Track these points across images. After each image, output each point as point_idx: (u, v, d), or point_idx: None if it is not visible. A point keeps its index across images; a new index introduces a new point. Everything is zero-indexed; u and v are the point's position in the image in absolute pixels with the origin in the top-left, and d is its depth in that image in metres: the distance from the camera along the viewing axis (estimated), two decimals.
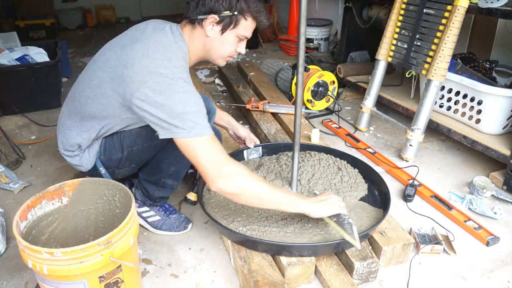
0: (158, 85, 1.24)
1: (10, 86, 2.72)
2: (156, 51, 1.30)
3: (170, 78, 1.26)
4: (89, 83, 1.41)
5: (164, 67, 1.27)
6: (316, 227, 1.50)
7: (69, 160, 1.54)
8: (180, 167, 1.57)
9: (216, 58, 1.46)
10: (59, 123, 1.55)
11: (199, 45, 1.42)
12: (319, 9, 4.53)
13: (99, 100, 1.38)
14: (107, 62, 1.37)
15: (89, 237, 1.37)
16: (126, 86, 1.29)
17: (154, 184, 1.60)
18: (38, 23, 4.93)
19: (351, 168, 1.86)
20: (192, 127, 1.24)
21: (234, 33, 1.40)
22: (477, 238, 1.66)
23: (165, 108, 1.24)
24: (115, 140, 1.50)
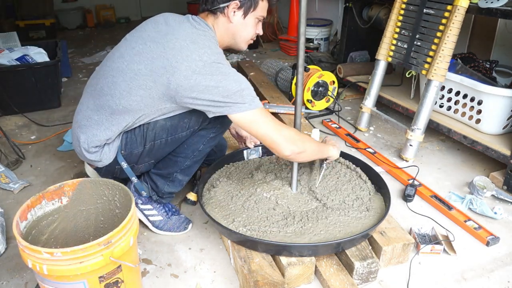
0: (207, 70, 1.30)
1: (10, 86, 2.72)
2: (194, 41, 1.35)
3: (217, 62, 1.33)
4: (122, 77, 1.39)
5: (208, 54, 1.33)
6: (316, 227, 1.50)
7: (87, 156, 1.49)
8: (194, 161, 1.59)
9: (241, 42, 1.53)
10: (82, 119, 1.49)
11: (224, 32, 1.49)
12: (319, 9, 4.53)
13: (136, 92, 1.38)
14: (140, 55, 1.38)
15: (89, 237, 1.37)
16: (170, 76, 1.32)
17: (165, 178, 1.60)
18: (38, 23, 4.93)
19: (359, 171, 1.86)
20: (252, 100, 1.34)
21: (254, 15, 1.48)
22: (477, 238, 1.66)
23: (219, 89, 1.31)
24: (137, 134, 1.49)
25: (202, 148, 1.57)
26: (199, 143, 1.55)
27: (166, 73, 1.32)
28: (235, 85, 1.32)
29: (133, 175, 1.58)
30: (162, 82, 1.34)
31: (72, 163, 2.20)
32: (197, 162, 1.63)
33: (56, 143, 2.42)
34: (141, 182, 1.65)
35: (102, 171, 1.57)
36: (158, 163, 1.62)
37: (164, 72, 1.33)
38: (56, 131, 2.57)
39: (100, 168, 1.55)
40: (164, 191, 1.63)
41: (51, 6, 5.22)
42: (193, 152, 1.57)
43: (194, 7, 5.77)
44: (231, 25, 1.47)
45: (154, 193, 1.64)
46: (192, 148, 1.56)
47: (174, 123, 1.47)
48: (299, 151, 1.42)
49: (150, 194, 1.64)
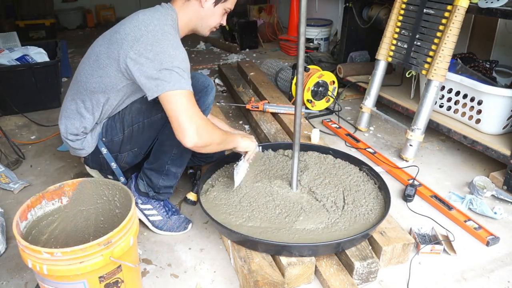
0: (149, 40, 1.35)
1: (10, 86, 2.72)
2: (145, 14, 1.43)
3: (160, 33, 1.37)
4: (88, 60, 1.50)
5: (154, 25, 1.38)
6: (316, 226, 1.50)
7: (71, 144, 1.58)
8: (182, 149, 1.58)
9: (205, 27, 1.58)
10: (62, 110, 1.60)
11: (191, 15, 1.53)
12: (319, 9, 4.53)
13: (97, 72, 1.46)
14: (103, 38, 1.49)
15: (89, 237, 1.37)
16: (119, 48, 1.39)
17: (158, 172, 1.60)
18: (38, 23, 4.93)
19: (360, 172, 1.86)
20: (177, 80, 1.33)
21: (223, 6, 1.55)
22: (477, 238, 1.66)
23: (155, 62, 1.33)
24: (116, 120, 1.56)
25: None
26: None
27: (117, 46, 1.40)
28: (168, 60, 1.33)
29: (112, 161, 1.62)
30: (114, 56, 1.41)
31: (72, 163, 2.20)
32: (186, 151, 1.59)
33: (56, 143, 2.42)
34: (138, 179, 1.66)
35: (89, 162, 1.65)
36: (148, 157, 1.63)
37: (116, 46, 1.40)
38: (56, 131, 2.56)
39: (87, 160, 1.63)
40: (160, 186, 1.63)
41: (51, 6, 5.22)
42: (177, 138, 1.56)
43: None
44: (202, 10, 1.52)
45: (151, 189, 1.64)
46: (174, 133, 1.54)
47: (149, 105, 1.51)
48: (202, 145, 1.38)
49: (147, 191, 1.64)
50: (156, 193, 1.65)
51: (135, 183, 1.67)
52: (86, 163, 1.69)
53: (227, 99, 3.06)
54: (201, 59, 4.14)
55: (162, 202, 1.69)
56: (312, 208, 1.59)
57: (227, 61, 4.14)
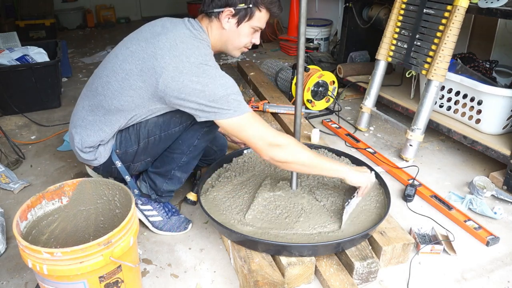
0: (193, 72, 1.30)
1: (10, 86, 2.72)
2: (183, 41, 1.35)
3: (204, 64, 1.32)
4: (114, 77, 1.41)
5: (195, 56, 1.33)
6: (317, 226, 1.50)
7: (83, 156, 1.51)
8: (191, 157, 1.58)
9: (233, 49, 1.52)
10: (77, 119, 1.51)
11: (217, 37, 1.48)
12: (319, 9, 4.53)
13: (127, 92, 1.39)
14: (132, 55, 1.39)
15: (89, 237, 1.37)
16: (158, 77, 1.32)
17: (163, 176, 1.60)
18: (38, 23, 4.94)
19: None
20: (237, 106, 1.33)
21: (249, 25, 1.45)
22: (477, 238, 1.66)
23: (205, 93, 1.30)
24: (131, 133, 1.50)
25: (197, 143, 1.55)
26: (193, 138, 1.54)
27: (154, 73, 1.33)
28: (221, 90, 1.31)
29: (126, 174, 1.58)
30: (151, 82, 1.34)
31: (72, 163, 2.20)
32: (194, 158, 1.61)
33: (56, 143, 2.42)
34: (140, 181, 1.65)
35: (100, 171, 1.59)
36: (155, 161, 1.62)
37: (153, 73, 1.33)
38: (56, 131, 2.57)
39: (97, 168, 1.57)
40: (163, 190, 1.63)
41: (51, 6, 5.22)
42: (188, 147, 1.55)
43: (194, 7, 5.77)
44: (224, 31, 1.45)
45: (153, 192, 1.64)
46: (187, 143, 1.54)
47: (166, 119, 1.47)
48: (279, 161, 1.38)
49: (149, 193, 1.64)
50: (158, 196, 1.65)
51: (136, 183, 1.67)
52: (95, 170, 1.63)
53: None
54: None
55: (161, 203, 1.69)
56: (312, 209, 1.59)
57: (227, 61, 4.15)
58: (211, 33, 1.47)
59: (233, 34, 1.46)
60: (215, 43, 1.49)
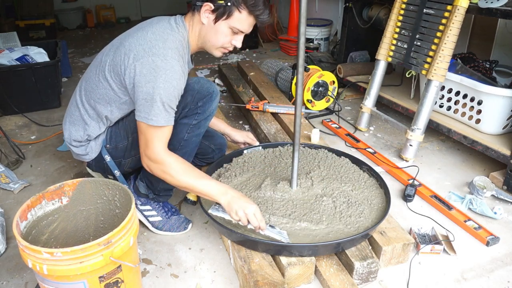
0: (147, 64, 1.33)
1: (10, 86, 2.72)
2: (154, 33, 1.39)
3: (161, 59, 1.33)
4: (95, 69, 1.48)
5: (158, 47, 1.35)
6: (317, 226, 1.50)
7: (74, 150, 1.57)
8: (184, 153, 1.57)
9: (210, 47, 1.49)
10: (66, 115, 1.58)
11: (197, 32, 1.48)
12: (319, 9, 4.53)
13: (102, 84, 1.45)
14: (111, 47, 1.46)
15: (89, 237, 1.37)
16: (121, 63, 1.37)
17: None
18: (38, 23, 4.93)
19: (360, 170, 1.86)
20: (155, 115, 1.34)
21: (227, 24, 1.42)
22: (477, 238, 1.66)
23: (143, 89, 1.33)
24: (120, 127, 1.54)
25: (187, 137, 1.55)
26: (182, 132, 1.54)
27: (120, 61, 1.38)
28: (156, 92, 1.32)
29: (116, 169, 1.61)
30: (117, 71, 1.40)
31: (72, 163, 2.20)
32: (188, 154, 1.59)
33: (56, 143, 2.42)
34: (139, 181, 1.66)
35: (93, 167, 1.64)
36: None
37: (119, 60, 1.39)
38: (56, 131, 2.57)
39: (90, 164, 1.62)
40: (160, 188, 1.63)
41: (51, 6, 5.21)
42: (179, 142, 1.55)
43: None
44: (203, 26, 1.45)
45: (150, 191, 1.64)
46: (177, 138, 1.53)
47: None
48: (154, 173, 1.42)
49: (147, 193, 1.64)
50: (156, 195, 1.65)
51: (134, 184, 1.67)
52: (89, 166, 1.67)
53: (227, 99, 3.06)
54: (201, 59, 4.14)
55: (161, 203, 1.69)
56: (312, 208, 1.59)
57: (227, 61, 4.15)
58: (192, 28, 1.47)
59: (211, 31, 1.44)
60: (196, 38, 1.49)
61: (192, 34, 1.48)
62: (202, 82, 1.54)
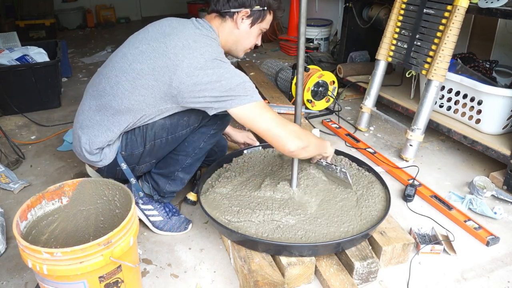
0: (208, 66, 1.32)
1: (10, 86, 2.72)
2: (196, 40, 1.37)
3: (218, 59, 1.35)
4: (125, 76, 1.40)
5: (209, 52, 1.35)
6: (317, 226, 1.50)
7: (88, 157, 1.49)
8: (195, 159, 1.60)
9: (241, 50, 1.56)
10: (84, 119, 1.49)
11: (227, 36, 1.51)
12: (319, 9, 4.53)
13: (139, 91, 1.38)
14: (143, 54, 1.39)
15: (89, 237, 1.37)
16: (172, 75, 1.33)
17: (166, 177, 1.61)
18: (38, 23, 4.94)
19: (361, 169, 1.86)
20: (254, 93, 1.35)
21: (260, 26, 1.52)
22: (477, 238, 1.66)
23: (222, 83, 1.31)
24: (137, 134, 1.49)
25: (203, 145, 1.57)
26: (199, 141, 1.55)
27: (168, 71, 1.33)
28: (237, 78, 1.33)
29: (132, 176, 1.58)
30: (164, 80, 1.34)
31: (72, 163, 2.21)
32: (198, 160, 1.63)
33: (56, 143, 2.42)
34: (142, 181, 1.65)
35: (104, 173, 1.58)
36: (159, 162, 1.62)
37: (166, 71, 1.33)
38: (56, 131, 2.57)
39: (101, 169, 1.56)
40: (166, 190, 1.63)
41: (51, 6, 5.22)
42: (194, 150, 1.57)
43: (194, 7, 5.77)
44: (237, 31, 1.49)
45: (156, 193, 1.64)
46: (193, 146, 1.56)
47: (173, 121, 1.47)
48: (303, 146, 1.40)
49: (151, 194, 1.65)
50: (161, 197, 1.65)
51: (138, 181, 1.67)
52: (99, 171, 1.61)
53: None
54: None
55: (162, 203, 1.69)
56: (312, 207, 1.59)
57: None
58: (221, 33, 1.49)
59: (245, 35, 1.50)
60: (225, 43, 1.51)
61: (221, 39, 1.50)
62: None
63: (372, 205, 1.61)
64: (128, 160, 1.54)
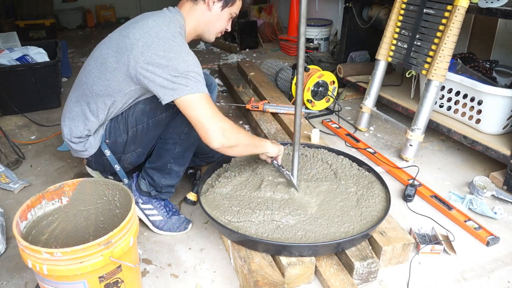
0: (160, 47, 1.35)
1: (10, 86, 2.72)
2: (155, 20, 1.42)
3: (171, 40, 1.37)
4: (95, 63, 1.48)
5: (164, 31, 1.38)
6: (317, 226, 1.50)
7: (73, 147, 1.57)
8: (185, 148, 1.59)
9: (212, 32, 1.59)
10: (65, 112, 1.58)
11: (198, 20, 1.53)
12: (319, 9, 4.53)
13: (105, 76, 1.45)
14: (110, 40, 1.47)
15: (89, 237, 1.37)
16: (129, 53, 1.38)
17: (160, 171, 1.61)
18: (38, 23, 4.94)
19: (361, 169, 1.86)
20: (195, 84, 1.34)
21: (230, 10, 1.56)
22: (477, 238, 1.66)
23: (169, 68, 1.33)
24: (119, 121, 1.54)
25: (187, 130, 1.56)
26: (182, 125, 1.55)
27: (126, 51, 1.39)
28: (183, 65, 1.34)
29: (116, 163, 1.61)
30: (123, 61, 1.40)
31: (72, 163, 2.20)
32: (189, 149, 1.62)
33: (56, 143, 2.42)
34: (139, 178, 1.66)
35: (92, 163, 1.64)
36: (151, 156, 1.63)
37: (125, 50, 1.39)
38: (56, 131, 2.57)
39: (90, 161, 1.62)
40: (162, 185, 1.63)
41: (51, 6, 5.22)
42: (179, 135, 1.57)
43: None
44: (209, 13, 1.52)
45: (153, 188, 1.64)
46: (177, 131, 1.56)
47: (152, 105, 1.51)
48: (229, 145, 1.41)
49: (149, 190, 1.65)
50: (158, 192, 1.65)
51: (136, 182, 1.67)
52: (88, 164, 1.68)
53: (227, 99, 3.06)
54: (201, 59, 4.12)
55: (163, 202, 1.69)
56: (313, 208, 1.59)
57: (227, 61, 4.15)
58: (191, 16, 1.52)
59: (216, 18, 1.54)
60: (196, 26, 1.54)
61: (191, 22, 1.53)
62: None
63: (372, 205, 1.61)
64: (113, 149, 1.58)
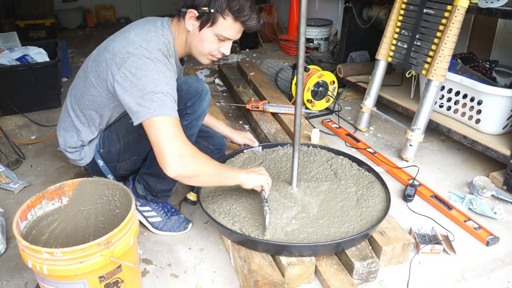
0: (134, 64, 1.28)
1: (10, 86, 2.72)
2: (137, 35, 1.35)
3: (146, 57, 1.29)
4: (83, 74, 1.47)
5: (141, 48, 1.31)
6: (317, 226, 1.50)
7: (69, 156, 1.59)
8: None
9: (197, 54, 1.45)
10: (60, 121, 1.59)
11: (183, 38, 1.44)
12: (319, 9, 4.53)
13: (89, 90, 1.43)
14: (97, 52, 1.43)
15: (89, 237, 1.37)
16: (107, 69, 1.34)
17: (155, 176, 1.60)
18: (38, 23, 4.94)
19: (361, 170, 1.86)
20: (158, 107, 1.24)
21: (212, 31, 1.37)
22: (477, 238, 1.66)
23: (138, 87, 1.26)
24: (112, 131, 1.54)
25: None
26: None
27: (105, 66, 1.35)
28: (151, 85, 1.25)
29: (109, 173, 1.62)
30: (103, 77, 1.37)
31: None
32: None
33: (56, 143, 2.41)
34: (136, 182, 1.66)
35: (89, 170, 1.65)
36: (145, 161, 1.63)
37: (105, 66, 1.35)
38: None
39: (86, 168, 1.63)
40: (158, 190, 1.63)
41: (51, 6, 5.22)
42: None
43: None
44: (188, 33, 1.41)
45: (148, 193, 1.64)
46: None
47: None
48: (187, 175, 1.27)
49: (144, 194, 1.64)
50: (154, 196, 1.65)
51: (133, 185, 1.67)
52: (86, 170, 1.69)
53: (227, 99, 3.06)
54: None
55: (160, 204, 1.69)
56: (314, 208, 1.59)
57: (227, 61, 4.15)
58: (178, 33, 1.43)
59: (196, 38, 1.40)
60: (182, 44, 1.45)
61: (179, 39, 1.43)
62: (190, 82, 1.49)
63: (372, 205, 1.61)
64: (108, 158, 1.58)
